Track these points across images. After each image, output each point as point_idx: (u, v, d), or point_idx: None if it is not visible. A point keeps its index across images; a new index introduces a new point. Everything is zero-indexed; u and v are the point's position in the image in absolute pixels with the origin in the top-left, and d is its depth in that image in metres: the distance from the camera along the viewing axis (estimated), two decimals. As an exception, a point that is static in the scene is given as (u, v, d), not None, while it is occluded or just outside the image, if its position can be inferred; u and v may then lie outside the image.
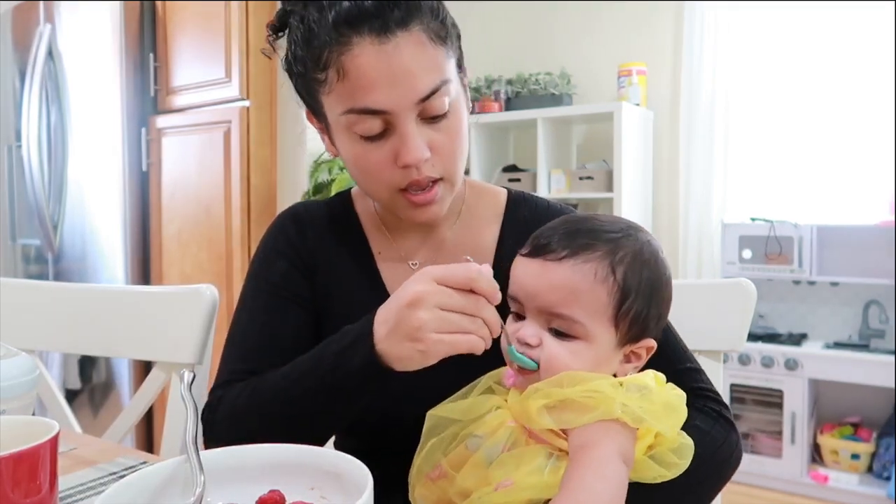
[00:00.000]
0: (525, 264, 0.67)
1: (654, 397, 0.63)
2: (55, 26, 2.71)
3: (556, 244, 0.65)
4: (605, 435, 0.60)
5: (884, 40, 2.87)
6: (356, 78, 0.69)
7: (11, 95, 2.88)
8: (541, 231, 0.68)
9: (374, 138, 0.72)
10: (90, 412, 2.72)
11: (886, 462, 2.73)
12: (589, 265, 0.64)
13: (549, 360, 0.64)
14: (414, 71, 0.69)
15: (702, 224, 3.21)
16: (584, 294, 0.64)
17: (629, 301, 0.65)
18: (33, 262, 2.91)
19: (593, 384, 0.61)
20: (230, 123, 2.38)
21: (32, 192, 2.72)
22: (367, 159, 0.74)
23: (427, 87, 0.70)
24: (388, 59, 0.68)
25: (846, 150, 3.00)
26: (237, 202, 2.37)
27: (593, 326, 0.64)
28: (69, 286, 1.25)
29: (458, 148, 0.76)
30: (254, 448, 0.63)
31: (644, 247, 0.67)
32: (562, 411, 0.61)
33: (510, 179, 3.46)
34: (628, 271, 0.65)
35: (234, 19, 2.34)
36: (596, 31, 3.53)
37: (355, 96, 0.70)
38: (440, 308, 0.61)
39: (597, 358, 0.65)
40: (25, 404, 0.74)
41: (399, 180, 0.74)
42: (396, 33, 0.68)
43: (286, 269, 0.84)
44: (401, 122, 0.70)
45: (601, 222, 0.68)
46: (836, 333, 3.02)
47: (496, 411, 0.66)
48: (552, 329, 0.65)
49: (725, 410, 0.74)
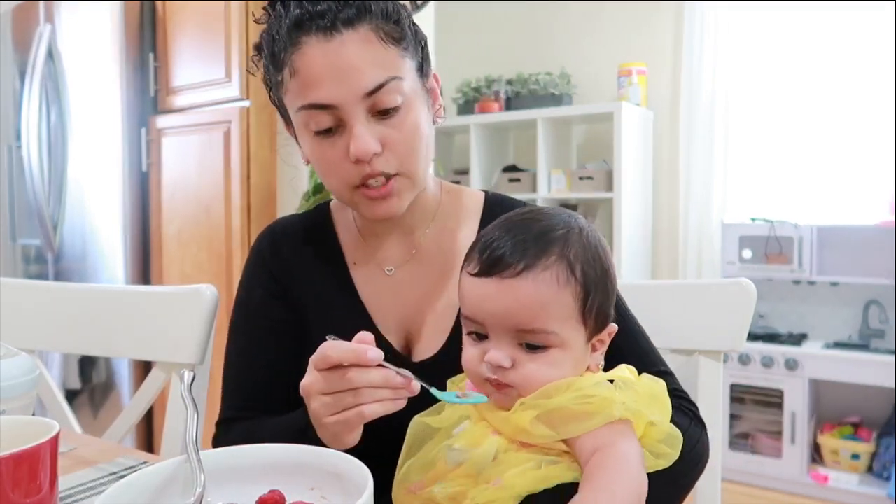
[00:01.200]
0: (480, 285, 0.63)
1: (638, 389, 0.64)
2: (55, 26, 2.71)
3: (509, 258, 0.62)
4: (618, 436, 0.59)
5: (884, 41, 2.87)
6: (305, 74, 0.73)
7: (11, 95, 2.88)
8: (485, 244, 0.64)
9: (327, 134, 0.75)
10: (90, 412, 2.72)
11: (886, 462, 2.73)
12: (549, 272, 0.62)
13: (527, 380, 0.62)
14: (359, 66, 0.72)
15: (702, 224, 3.21)
16: (552, 303, 0.62)
17: (591, 296, 0.64)
18: (33, 262, 2.91)
19: (585, 389, 0.61)
20: (230, 123, 2.38)
21: (32, 192, 2.72)
22: (323, 156, 0.76)
23: (373, 81, 0.72)
24: (334, 55, 0.72)
25: (846, 150, 3.00)
26: (237, 202, 2.37)
27: (565, 332, 0.63)
28: (69, 286, 1.25)
29: (413, 144, 0.76)
30: (254, 448, 0.63)
31: (588, 236, 0.66)
32: (560, 422, 0.60)
33: (510, 179, 3.46)
34: (585, 267, 0.64)
35: (234, 19, 2.34)
36: (596, 31, 3.53)
37: (305, 92, 0.73)
38: (322, 394, 0.63)
39: (573, 360, 0.64)
40: (25, 404, 0.74)
41: (354, 176, 0.75)
42: (342, 31, 0.72)
43: (262, 296, 0.87)
44: (349, 116, 0.73)
45: (543, 222, 0.65)
46: (836, 333, 3.02)
47: (476, 425, 0.65)
48: (523, 344, 0.63)
49: (697, 411, 0.76)
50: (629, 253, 3.18)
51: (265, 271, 0.89)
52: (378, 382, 0.62)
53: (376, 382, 0.62)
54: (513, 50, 3.75)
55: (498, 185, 3.53)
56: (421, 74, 0.79)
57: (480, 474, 0.62)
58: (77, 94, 2.69)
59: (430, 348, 0.83)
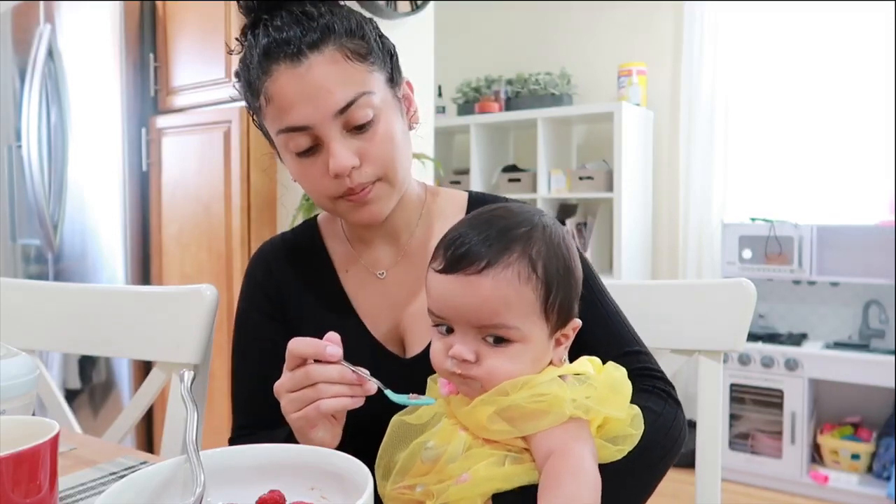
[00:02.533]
0: (445, 281, 0.65)
1: (595, 383, 0.65)
2: (55, 26, 2.71)
3: (472, 255, 0.64)
4: (571, 438, 0.61)
5: (884, 41, 2.87)
6: (279, 100, 0.77)
7: (11, 95, 2.88)
8: (450, 241, 0.66)
9: (307, 154, 0.78)
10: (90, 412, 2.72)
11: (886, 462, 2.73)
12: (510, 269, 0.63)
13: (491, 373, 0.64)
14: (327, 86, 0.75)
15: (702, 224, 3.21)
16: (513, 299, 0.63)
17: (553, 292, 0.65)
18: (33, 262, 2.91)
19: (538, 387, 0.62)
20: (230, 123, 2.38)
21: (32, 192, 2.72)
22: (305, 174, 0.80)
23: (342, 99, 0.75)
24: (302, 79, 0.75)
25: (846, 150, 3.00)
26: (237, 202, 2.37)
27: (527, 327, 0.64)
28: (69, 286, 1.25)
29: (389, 153, 0.79)
30: (254, 448, 0.63)
31: (552, 234, 0.67)
32: (514, 419, 0.62)
33: (510, 179, 3.46)
34: (547, 264, 0.65)
35: (234, 19, 2.34)
36: (596, 31, 3.53)
37: (281, 117, 0.77)
38: (288, 392, 0.68)
39: (534, 355, 0.66)
40: (25, 404, 0.74)
41: (335, 189, 0.79)
42: (308, 56, 0.75)
43: (259, 320, 0.90)
44: (325, 135, 0.76)
45: (507, 219, 0.67)
46: (836, 333, 3.02)
47: (445, 421, 0.68)
48: (487, 338, 0.64)
49: (672, 390, 0.78)
50: (629, 253, 3.18)
51: (260, 293, 0.91)
52: (334, 378, 0.66)
53: (333, 378, 0.66)
54: (513, 50, 3.75)
55: (498, 185, 3.53)
56: (392, 84, 0.82)
57: (445, 470, 0.64)
58: (77, 94, 2.69)
59: (421, 345, 0.85)
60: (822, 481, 2.79)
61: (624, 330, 0.83)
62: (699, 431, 1.00)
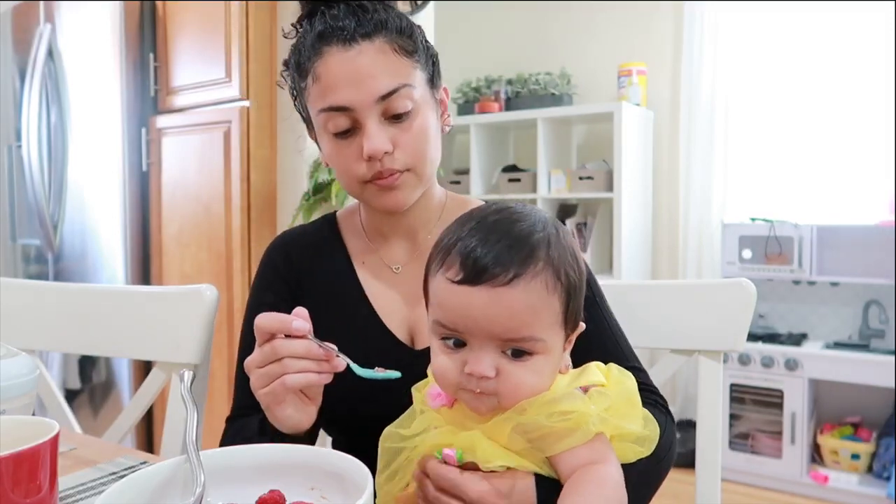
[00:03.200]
0: (465, 293, 0.59)
1: (611, 393, 0.64)
2: (55, 26, 2.71)
3: (497, 266, 0.59)
4: (599, 455, 0.60)
5: (884, 41, 2.87)
6: (325, 79, 0.80)
7: (11, 95, 2.88)
8: (465, 250, 0.61)
9: (344, 135, 0.82)
10: (90, 412, 2.72)
11: (886, 462, 2.73)
12: (538, 279, 0.60)
13: (517, 389, 0.60)
14: (374, 73, 0.79)
15: (702, 224, 3.21)
16: (542, 310, 0.60)
17: (573, 299, 0.63)
18: (33, 262, 2.91)
19: (560, 404, 0.60)
20: (230, 123, 2.38)
21: (32, 192, 2.72)
22: (339, 155, 0.83)
23: (386, 87, 0.79)
24: (351, 63, 0.79)
25: (846, 150, 3.00)
26: (237, 202, 2.37)
27: (551, 338, 0.61)
28: (69, 286, 1.25)
29: (422, 145, 0.83)
30: (254, 448, 0.63)
31: (563, 235, 0.65)
32: (538, 439, 0.60)
33: (510, 179, 3.46)
34: (569, 271, 0.63)
35: (234, 19, 2.34)
36: (596, 31, 3.53)
37: (325, 96, 0.81)
38: (257, 367, 0.69)
39: (554, 366, 0.63)
40: (25, 404, 0.74)
41: (365, 172, 0.82)
42: (360, 42, 0.80)
43: (273, 301, 0.90)
44: (364, 118, 0.80)
45: (522, 222, 0.63)
46: (836, 333, 3.02)
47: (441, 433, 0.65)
48: (506, 351, 0.60)
49: (668, 406, 0.82)
50: (629, 253, 3.18)
51: (278, 278, 0.94)
52: (300, 352, 0.67)
53: (298, 352, 0.67)
54: (513, 50, 3.75)
55: (498, 186, 3.53)
56: (431, 86, 0.87)
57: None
58: (77, 94, 2.69)
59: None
60: (822, 481, 2.79)
61: (623, 346, 0.85)
62: (699, 431, 1.00)
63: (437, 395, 0.65)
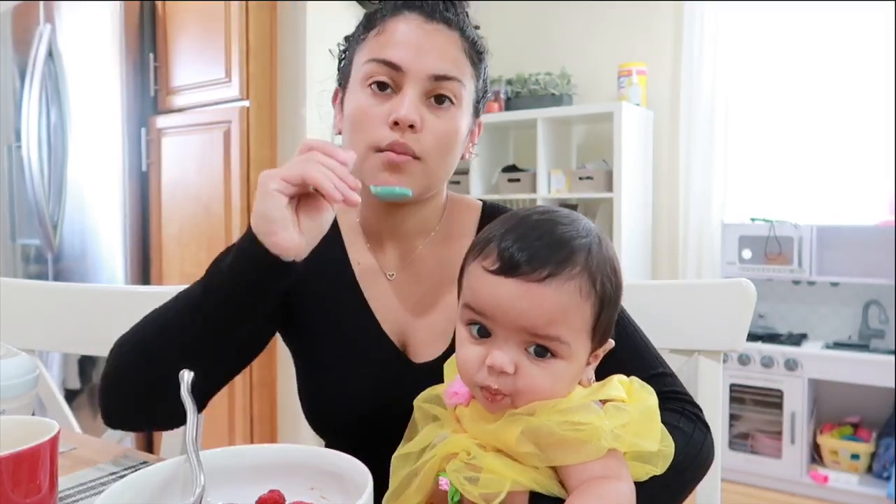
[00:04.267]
0: (499, 283, 0.59)
1: (630, 409, 0.62)
2: (55, 26, 2.71)
3: (534, 261, 0.59)
4: (612, 472, 0.58)
5: (884, 41, 2.87)
6: (392, 35, 0.80)
7: (11, 95, 2.88)
8: (507, 243, 0.61)
9: (380, 91, 0.80)
10: (90, 412, 2.71)
11: (886, 462, 2.73)
12: (573, 283, 0.59)
13: (529, 388, 0.59)
14: (439, 52, 0.80)
15: (702, 224, 3.21)
16: (572, 313, 0.59)
17: (605, 311, 0.62)
18: (33, 262, 2.91)
19: (574, 414, 0.59)
20: (230, 123, 2.38)
21: (32, 192, 2.72)
22: (366, 112, 0.80)
23: (443, 69, 0.79)
24: (424, 34, 0.80)
25: (846, 150, 3.00)
26: (237, 202, 2.37)
27: (576, 344, 0.60)
28: (69, 286, 1.25)
29: (447, 141, 0.81)
30: (254, 448, 0.63)
31: (607, 248, 0.64)
32: (547, 445, 0.58)
33: (510, 179, 3.46)
34: (605, 282, 0.62)
35: (234, 19, 2.34)
36: (596, 31, 3.53)
37: (384, 48, 0.80)
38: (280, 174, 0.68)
39: (574, 375, 0.62)
40: (25, 404, 0.74)
41: (384, 137, 0.78)
42: (440, 23, 0.81)
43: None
44: (408, 84, 0.79)
45: (565, 226, 0.62)
46: (836, 333, 3.02)
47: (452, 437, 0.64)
48: (529, 349, 0.60)
49: (701, 413, 0.77)
50: (629, 253, 3.18)
51: None
52: (332, 163, 0.67)
53: (330, 162, 0.67)
54: (513, 50, 3.74)
55: (498, 185, 3.53)
56: (475, 108, 0.87)
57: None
58: (77, 94, 2.69)
59: (427, 353, 0.84)
60: (821, 481, 2.79)
61: (649, 351, 0.81)
62: (699, 431, 1.00)
63: (455, 394, 0.65)
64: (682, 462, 0.66)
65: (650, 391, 0.65)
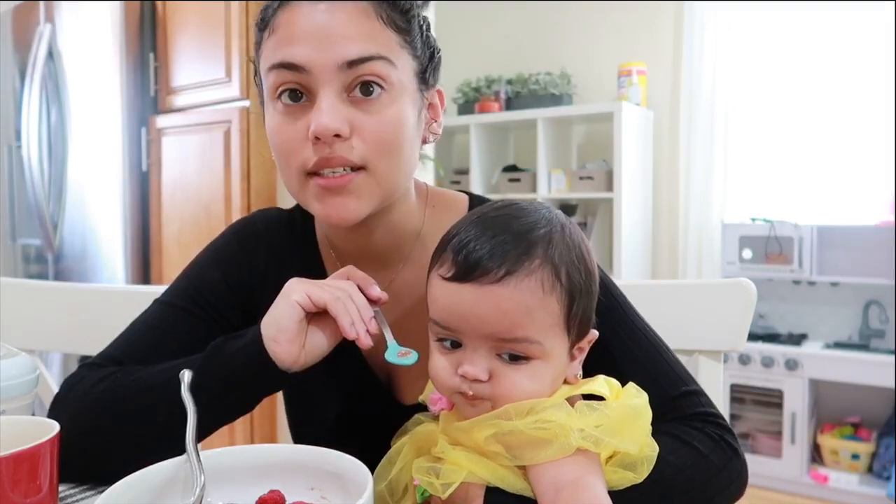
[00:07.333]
0: (456, 291, 0.57)
1: (609, 411, 0.57)
2: (55, 26, 2.71)
3: (488, 261, 0.56)
4: (581, 472, 0.55)
5: (884, 41, 2.87)
6: (283, 31, 0.66)
7: (11, 95, 2.88)
8: (459, 244, 0.57)
9: (292, 104, 0.67)
10: (90, 412, 2.71)
11: (886, 462, 2.73)
12: (533, 278, 0.56)
13: (510, 393, 0.57)
14: (345, 33, 0.64)
15: (702, 224, 3.21)
16: (536, 311, 0.56)
17: (577, 302, 0.58)
18: (33, 262, 2.91)
19: (543, 412, 0.55)
20: (230, 123, 2.38)
21: (32, 192, 2.72)
22: (282, 133, 0.67)
23: (355, 52, 0.64)
24: (319, 16, 0.65)
25: (846, 150, 3.00)
26: (237, 202, 2.37)
27: (549, 342, 0.57)
28: (69, 286, 1.25)
29: (389, 138, 0.67)
30: (254, 448, 0.63)
31: (572, 234, 0.60)
32: (513, 446, 0.56)
33: (510, 179, 3.46)
34: (570, 270, 0.58)
35: (234, 19, 2.34)
36: (596, 31, 3.53)
37: (279, 49, 0.66)
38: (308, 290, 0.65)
39: (555, 373, 0.59)
40: (25, 404, 0.74)
41: (308, 158, 0.66)
42: None
43: (217, 280, 0.81)
44: (320, 86, 0.65)
45: (522, 219, 0.59)
46: (836, 333, 3.02)
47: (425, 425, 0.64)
48: (502, 355, 0.57)
49: (730, 436, 0.66)
50: (629, 253, 3.18)
51: (231, 260, 0.82)
52: (360, 300, 0.65)
53: (358, 299, 0.65)
54: (513, 50, 3.75)
55: (498, 185, 3.53)
56: (421, 80, 0.71)
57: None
58: (77, 94, 2.69)
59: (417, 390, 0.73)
60: (822, 481, 2.79)
61: (673, 369, 0.71)
62: (699, 431, 1.00)
63: (439, 400, 0.63)
64: (687, 480, 0.60)
65: (638, 390, 0.61)
